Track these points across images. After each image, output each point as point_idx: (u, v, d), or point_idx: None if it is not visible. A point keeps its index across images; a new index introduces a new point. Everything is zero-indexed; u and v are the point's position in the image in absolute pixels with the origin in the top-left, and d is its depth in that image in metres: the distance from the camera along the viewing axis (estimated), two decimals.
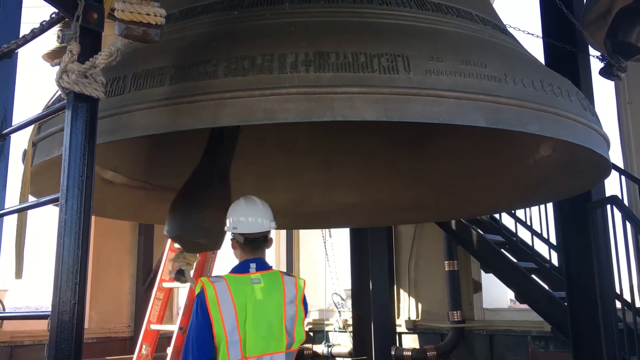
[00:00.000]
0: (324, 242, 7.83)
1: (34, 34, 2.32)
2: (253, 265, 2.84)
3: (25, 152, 2.64)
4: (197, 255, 3.56)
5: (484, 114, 2.22)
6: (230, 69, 2.13)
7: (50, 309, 1.74)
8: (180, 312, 6.00)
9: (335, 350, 7.69)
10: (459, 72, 2.22)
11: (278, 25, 2.40)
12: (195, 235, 3.24)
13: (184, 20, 2.58)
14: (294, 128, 3.62)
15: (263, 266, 2.89)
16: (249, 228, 2.87)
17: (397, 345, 7.25)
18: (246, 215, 2.89)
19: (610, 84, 6.26)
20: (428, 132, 3.66)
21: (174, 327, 5.87)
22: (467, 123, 2.22)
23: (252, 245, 2.89)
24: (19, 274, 2.26)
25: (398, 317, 7.49)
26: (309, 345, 7.87)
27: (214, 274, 6.13)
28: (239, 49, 2.22)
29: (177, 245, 3.83)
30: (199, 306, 2.73)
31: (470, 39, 2.56)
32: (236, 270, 2.88)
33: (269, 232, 2.95)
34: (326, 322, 8.03)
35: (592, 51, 4.48)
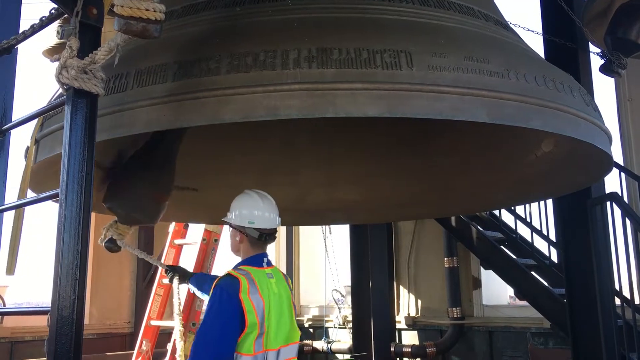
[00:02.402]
0: (324, 239, 7.83)
1: (34, 29, 2.31)
2: (265, 260, 2.87)
3: (27, 149, 2.63)
4: (131, 227, 3.50)
5: (486, 109, 2.22)
6: (232, 65, 2.12)
7: (50, 305, 1.74)
8: (181, 308, 5.99)
9: (334, 346, 7.70)
10: (461, 67, 2.21)
11: (280, 22, 2.39)
12: (130, 210, 3.29)
13: (186, 16, 2.57)
14: (296, 124, 3.62)
15: (269, 262, 2.94)
16: (267, 224, 2.88)
17: (397, 341, 7.27)
18: (264, 210, 2.89)
19: (610, 81, 6.26)
20: (429, 128, 3.65)
21: (174, 324, 5.86)
22: (469, 119, 2.22)
23: (265, 241, 2.91)
24: (11, 269, 2.25)
25: (398, 314, 7.51)
26: (309, 342, 7.87)
27: (213, 271, 6.14)
28: (242, 45, 2.22)
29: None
30: (229, 296, 2.65)
31: (472, 35, 2.55)
32: (251, 263, 2.86)
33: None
34: (326, 319, 8.03)
35: (592, 48, 4.48)
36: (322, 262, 7.99)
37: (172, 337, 5.76)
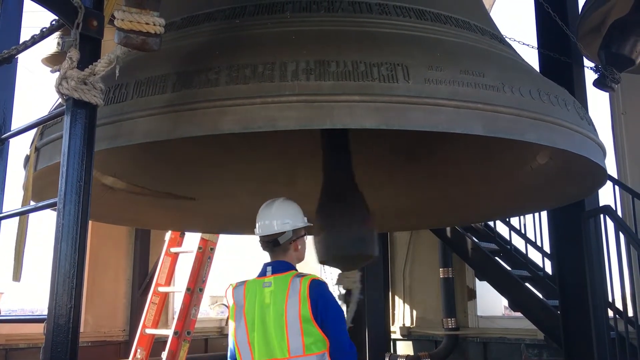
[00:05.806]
0: None
1: (34, 40, 2.32)
2: (269, 269, 2.85)
3: (27, 158, 2.65)
4: (358, 271, 3.47)
5: (482, 122, 2.24)
6: (231, 76, 2.14)
7: (45, 312, 1.75)
8: (176, 316, 5.99)
9: None
10: (457, 81, 2.24)
11: (279, 34, 2.42)
12: (357, 249, 3.27)
13: (186, 28, 2.59)
14: (293, 135, 3.64)
15: (279, 269, 2.82)
16: (260, 231, 2.90)
17: (392, 351, 7.26)
18: (260, 219, 2.91)
19: (605, 95, 6.30)
20: (425, 140, 3.68)
21: (169, 332, 5.86)
22: (465, 131, 2.25)
23: (267, 249, 2.92)
24: (17, 276, 2.27)
25: (392, 324, 7.51)
26: None
27: (209, 280, 6.14)
28: (241, 57, 2.24)
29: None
30: None
31: (468, 49, 2.58)
32: (259, 273, 2.89)
33: (279, 234, 2.85)
34: None
35: (587, 62, 4.52)
36: (318, 272, 7.98)
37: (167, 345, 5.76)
